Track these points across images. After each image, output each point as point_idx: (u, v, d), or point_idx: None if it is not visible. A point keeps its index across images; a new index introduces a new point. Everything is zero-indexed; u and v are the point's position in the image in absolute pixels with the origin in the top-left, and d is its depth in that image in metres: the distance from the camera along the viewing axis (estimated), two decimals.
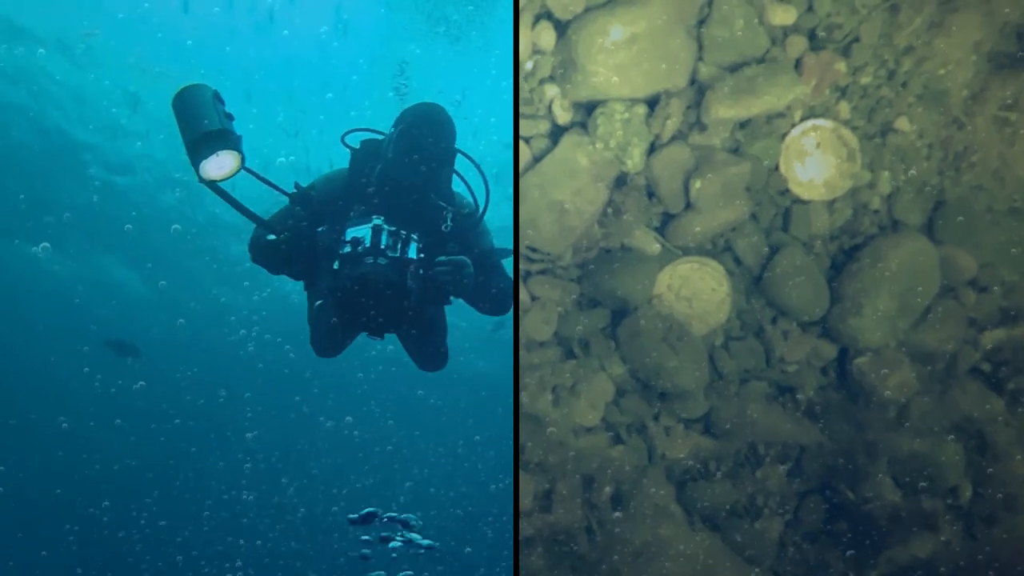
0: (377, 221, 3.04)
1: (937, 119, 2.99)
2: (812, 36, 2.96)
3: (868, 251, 3.04)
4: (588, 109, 2.97)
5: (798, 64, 2.95)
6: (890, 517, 3.14)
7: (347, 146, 3.49)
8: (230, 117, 2.85)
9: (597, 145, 2.93)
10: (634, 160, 2.95)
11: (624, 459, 3.14)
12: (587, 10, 2.89)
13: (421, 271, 3.03)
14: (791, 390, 3.19)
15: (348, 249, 3.02)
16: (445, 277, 3.06)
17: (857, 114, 3.01)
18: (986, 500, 3.14)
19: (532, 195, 2.97)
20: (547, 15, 2.95)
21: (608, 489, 3.17)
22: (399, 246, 3.04)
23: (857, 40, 2.95)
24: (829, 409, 3.15)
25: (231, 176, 2.80)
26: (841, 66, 2.94)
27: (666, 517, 3.17)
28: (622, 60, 2.84)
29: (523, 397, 3.07)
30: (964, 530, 3.16)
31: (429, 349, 3.67)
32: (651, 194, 3.03)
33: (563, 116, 2.99)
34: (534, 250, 3.06)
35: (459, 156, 3.43)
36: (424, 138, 3.20)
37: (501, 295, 3.48)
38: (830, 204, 3.06)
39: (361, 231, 3.04)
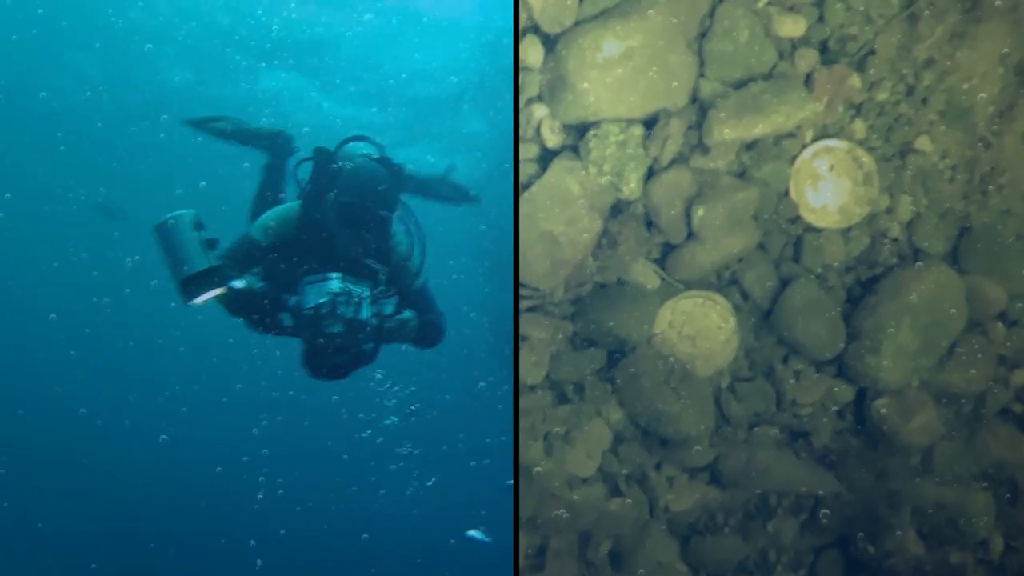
0: (334, 284, 3.35)
1: (961, 138, 2.92)
2: (823, 49, 2.90)
3: (887, 283, 2.96)
4: (580, 131, 2.88)
5: (808, 79, 2.87)
6: (914, 572, 3.07)
7: (298, 183, 3.73)
8: (212, 245, 3.13)
9: (590, 170, 2.84)
10: (631, 186, 2.86)
11: (623, 512, 3.07)
12: (578, 23, 2.79)
13: (372, 326, 3.41)
14: (804, 435, 3.11)
15: (310, 313, 3.35)
16: (392, 336, 3.52)
17: (874, 133, 2.94)
18: (1019, 553, 3.09)
19: (521, 225, 2.90)
20: (534, 29, 2.86)
21: (606, 545, 3.10)
22: (353, 308, 3.36)
23: (873, 53, 2.88)
24: (846, 456, 3.08)
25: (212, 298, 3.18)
26: (855, 81, 2.87)
27: (670, 575, 3.09)
28: (617, 77, 2.75)
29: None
30: None
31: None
32: (650, 223, 2.95)
33: (553, 139, 2.90)
34: (523, 285, 2.99)
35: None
36: (359, 209, 3.45)
37: (431, 330, 3.78)
38: (845, 232, 3.00)
39: (319, 295, 3.34)
